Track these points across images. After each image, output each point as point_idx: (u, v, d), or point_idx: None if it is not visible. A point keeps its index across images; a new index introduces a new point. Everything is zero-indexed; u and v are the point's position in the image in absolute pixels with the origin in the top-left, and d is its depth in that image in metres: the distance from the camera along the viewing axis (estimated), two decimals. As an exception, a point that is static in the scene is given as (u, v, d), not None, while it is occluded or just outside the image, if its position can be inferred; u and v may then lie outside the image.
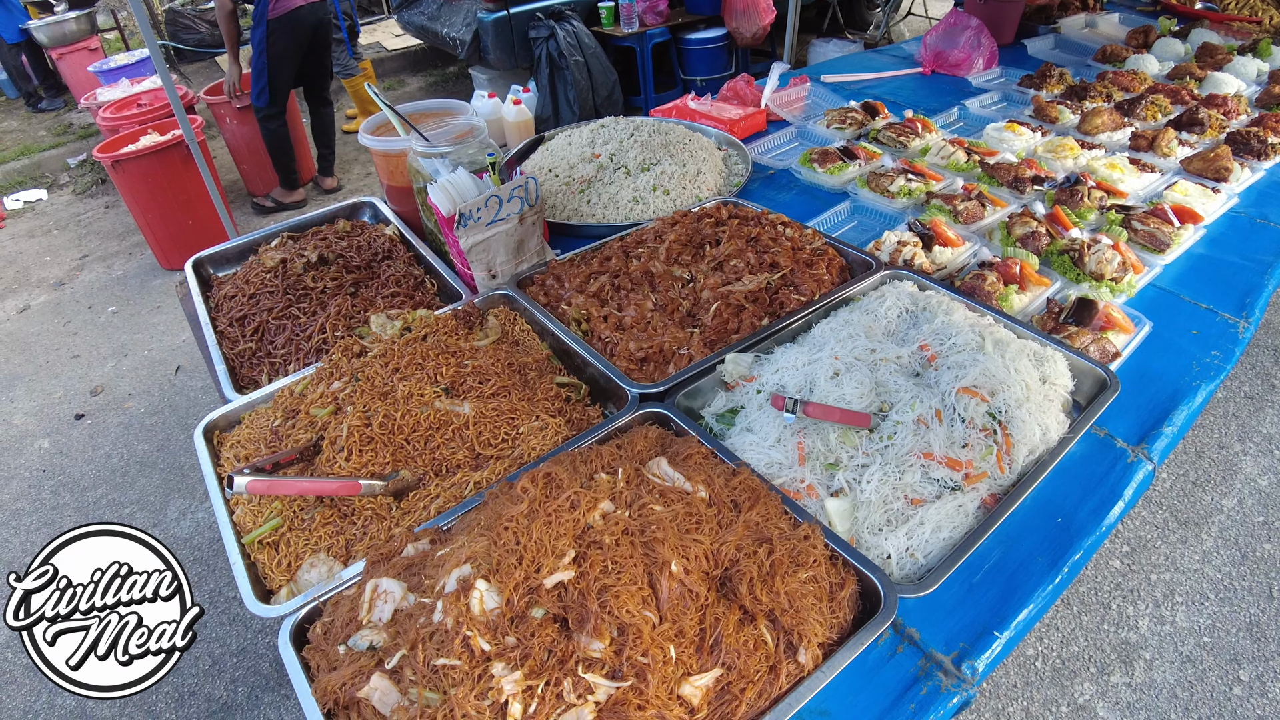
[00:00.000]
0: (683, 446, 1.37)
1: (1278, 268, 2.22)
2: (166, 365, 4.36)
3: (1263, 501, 3.50)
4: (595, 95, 6.07)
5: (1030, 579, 1.34)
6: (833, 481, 1.34)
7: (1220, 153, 2.58)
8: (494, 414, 1.51)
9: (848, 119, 2.75)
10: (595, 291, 1.79)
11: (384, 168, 2.33)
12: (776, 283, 1.76)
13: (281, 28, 5.03)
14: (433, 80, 8.72)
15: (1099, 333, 1.75)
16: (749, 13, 6.44)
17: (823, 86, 3.30)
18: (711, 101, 2.88)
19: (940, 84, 3.54)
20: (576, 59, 5.95)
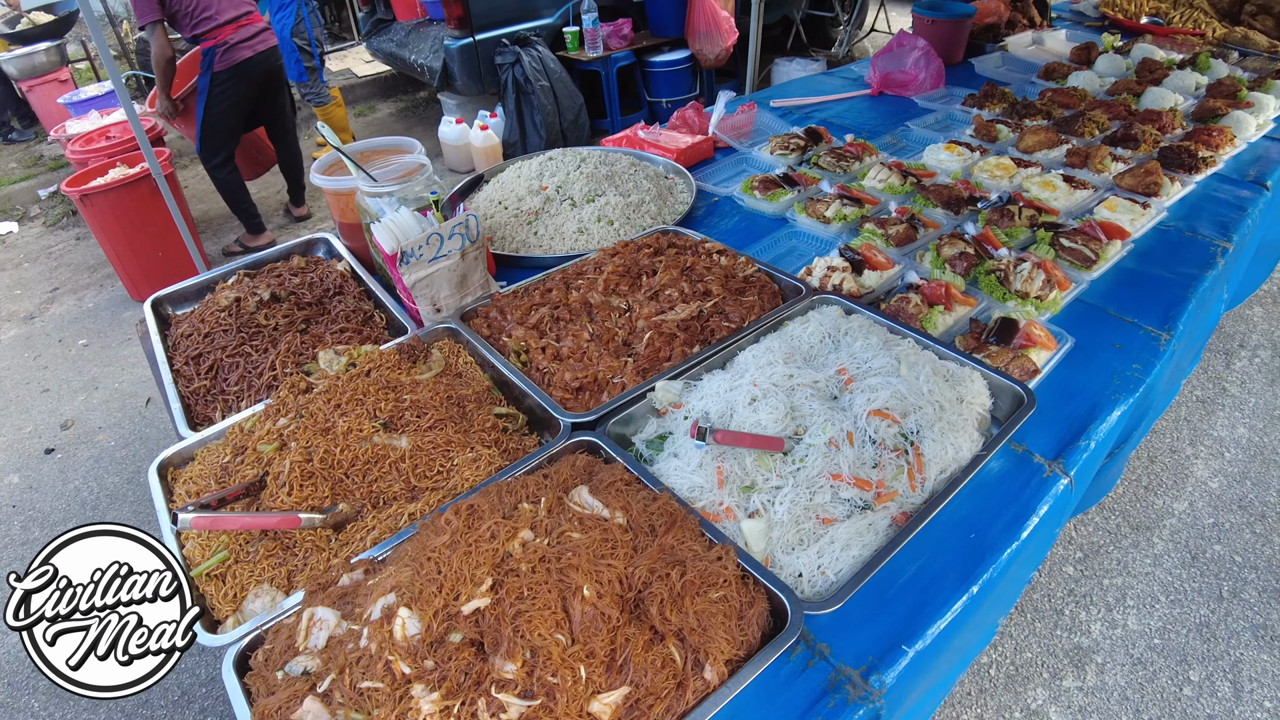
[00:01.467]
0: (607, 474, 1.43)
1: (1202, 280, 2.31)
2: (137, 398, 4.38)
3: (1213, 504, 3.59)
4: (562, 119, 6.16)
5: (941, 594, 1.40)
6: (749, 503, 1.41)
7: (1151, 168, 2.67)
8: (430, 447, 1.57)
9: (791, 145, 2.83)
10: (535, 323, 1.85)
11: (336, 205, 2.39)
12: (708, 310, 1.83)
13: (228, 80, 4.91)
14: (403, 106, 8.80)
15: (1020, 351, 1.82)
16: (712, 35, 6.56)
17: (770, 112, 3.39)
18: (661, 130, 2.96)
19: (887, 105, 3.62)
20: (542, 84, 6.04)
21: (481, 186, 2.63)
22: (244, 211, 5.59)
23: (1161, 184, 2.64)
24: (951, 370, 1.67)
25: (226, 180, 5.38)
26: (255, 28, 4.96)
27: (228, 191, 5.44)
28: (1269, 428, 4.06)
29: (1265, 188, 2.86)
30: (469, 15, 6.27)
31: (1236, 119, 3.25)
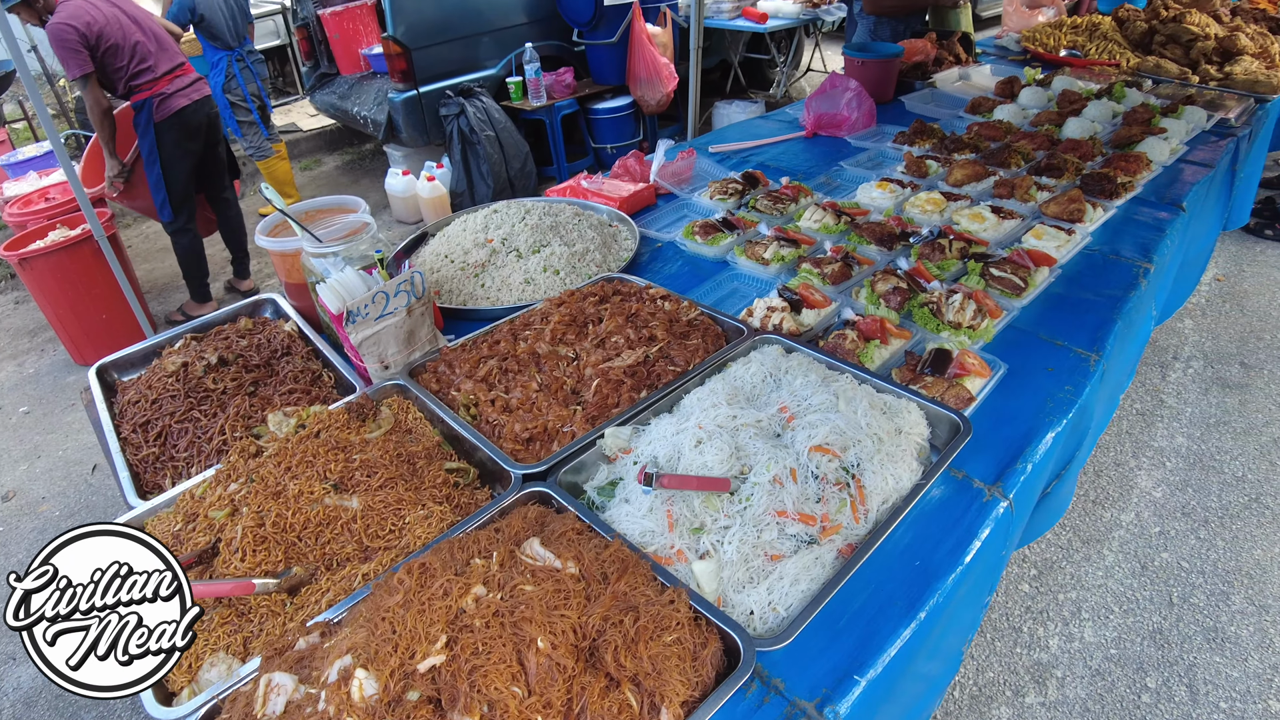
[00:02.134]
0: (558, 524, 1.45)
1: (1127, 301, 2.42)
2: (83, 465, 4.28)
3: (1158, 513, 3.71)
4: (508, 168, 6.24)
5: (889, 622, 1.44)
6: (700, 545, 1.44)
7: (1074, 195, 2.80)
8: (381, 506, 1.58)
9: (729, 189, 2.92)
10: (484, 376, 1.88)
11: (281, 266, 2.40)
12: (654, 355, 1.87)
13: (172, 129, 4.86)
14: (349, 159, 8.82)
15: (954, 380, 1.89)
16: (652, 81, 6.71)
17: (709, 157, 3.48)
18: (604, 179, 3.03)
19: (822, 146, 3.74)
20: (488, 134, 6.12)
21: (428, 241, 2.66)
22: (196, 280, 5.50)
23: (1085, 210, 2.76)
24: (889, 403, 1.73)
25: (190, 245, 5.31)
26: (188, 78, 4.95)
27: (187, 258, 5.35)
28: (1206, 435, 4.22)
29: (1181, 208, 3.00)
30: (412, 68, 6.35)
31: (1151, 144, 3.42)
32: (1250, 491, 3.82)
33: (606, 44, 6.94)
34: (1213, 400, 4.51)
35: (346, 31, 7.86)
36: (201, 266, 5.47)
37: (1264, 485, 3.86)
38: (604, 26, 6.86)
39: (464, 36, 6.73)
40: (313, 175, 8.49)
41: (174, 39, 5.09)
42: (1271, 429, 4.27)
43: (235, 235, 5.84)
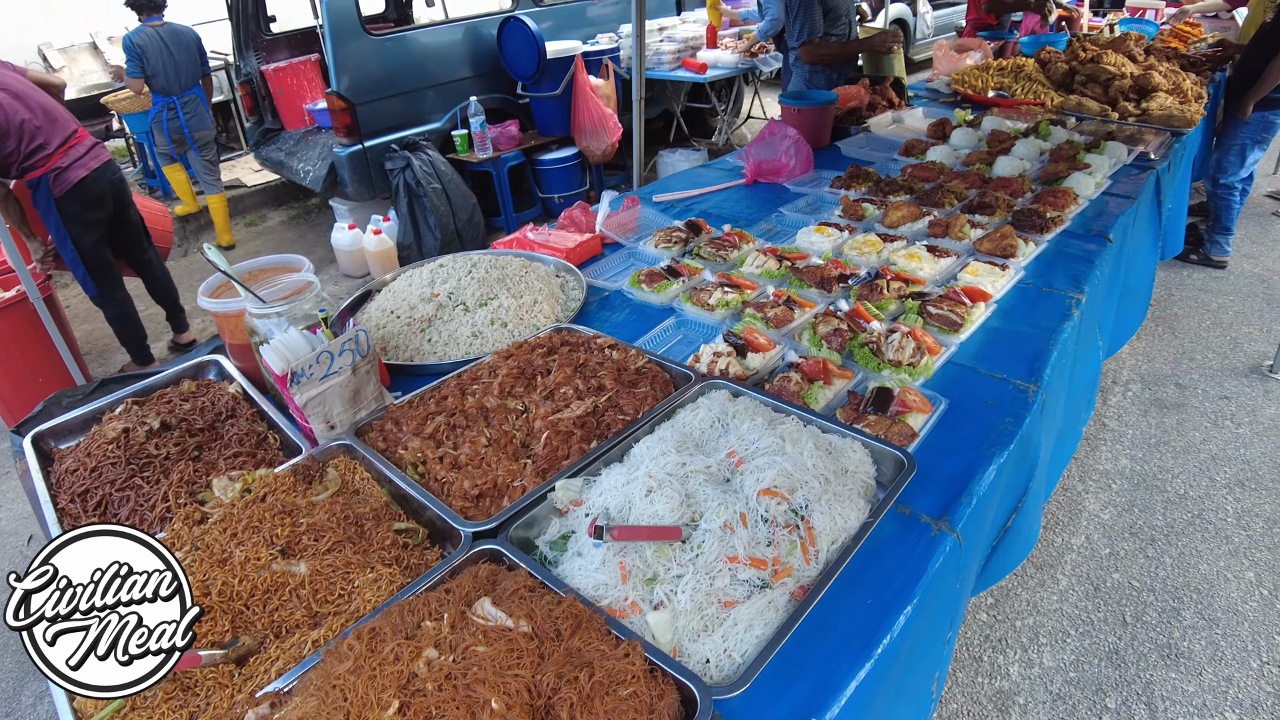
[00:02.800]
0: (510, 582, 1.44)
1: (1061, 331, 2.50)
2: (17, 536, 4.12)
3: (1107, 534, 3.79)
4: (456, 219, 6.27)
5: (844, 662, 1.45)
6: (653, 595, 1.44)
7: (1006, 231, 2.90)
8: (329, 570, 1.55)
9: (673, 237, 2.97)
10: (431, 433, 1.87)
11: (224, 327, 2.38)
12: (603, 405, 1.88)
13: (73, 203, 4.68)
14: (294, 213, 8.77)
15: (897, 417, 1.93)
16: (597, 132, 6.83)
17: (653, 207, 3.55)
18: (550, 230, 3.06)
19: (762, 192, 3.83)
20: (434, 186, 6.15)
21: (373, 297, 2.65)
22: (134, 343, 5.35)
23: (1017, 246, 2.86)
24: (834, 443, 1.76)
25: (119, 312, 5.17)
26: (84, 146, 4.78)
27: (120, 323, 5.22)
28: (1148, 456, 4.35)
29: (1108, 239, 3.13)
30: (357, 123, 6.38)
31: (1077, 179, 3.57)
32: (1193, 508, 3.94)
33: (550, 96, 7.05)
34: (1152, 421, 4.65)
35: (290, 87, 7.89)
36: (137, 330, 5.34)
37: (1205, 501, 3.99)
38: (547, 79, 6.98)
39: (408, 91, 6.80)
40: (257, 231, 8.41)
41: (62, 103, 4.92)
42: (1209, 446, 4.42)
43: (165, 294, 5.70)
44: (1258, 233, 7.40)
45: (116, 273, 5.18)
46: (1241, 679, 3.05)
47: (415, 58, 6.83)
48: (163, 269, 5.68)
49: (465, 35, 7.19)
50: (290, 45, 8.26)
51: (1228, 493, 4.05)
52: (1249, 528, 3.82)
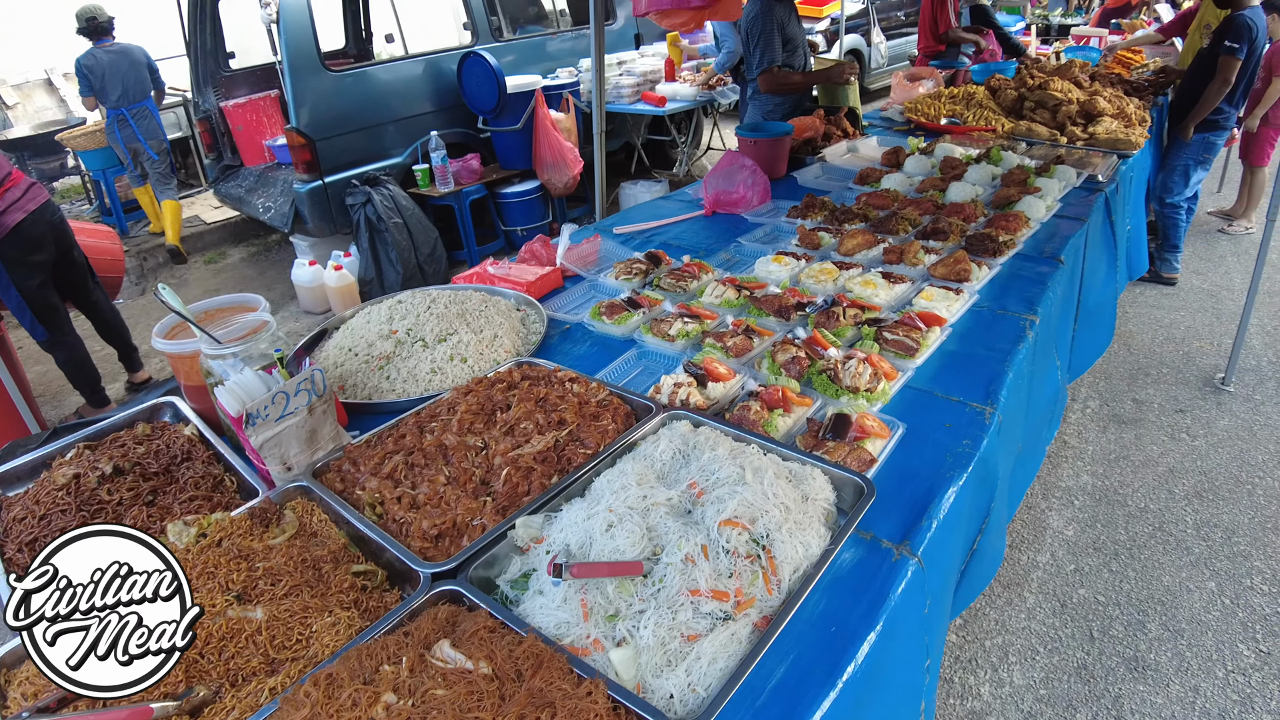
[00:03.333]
0: (470, 623, 1.42)
1: (1016, 353, 2.54)
2: (-33, 591, 3.98)
3: (1071, 550, 3.84)
4: (417, 254, 6.26)
5: (809, 691, 1.44)
6: (615, 632, 1.43)
7: (959, 256, 2.96)
8: (286, 615, 1.52)
9: (634, 269, 2.99)
10: (389, 472, 1.85)
11: (179, 368, 2.34)
12: (564, 440, 1.88)
13: (12, 248, 4.55)
14: (255, 250, 8.69)
15: (856, 443, 1.95)
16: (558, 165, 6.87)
17: (613, 239, 3.57)
18: (511, 264, 3.07)
19: (720, 223, 3.87)
20: (395, 221, 6.14)
21: (331, 335, 2.63)
22: (87, 386, 5.22)
23: (970, 270, 2.92)
24: (794, 470, 1.77)
25: (70, 356, 5.05)
26: (20, 188, 4.63)
27: (72, 367, 5.08)
28: (1108, 471, 4.42)
29: (1060, 261, 3.20)
30: (317, 159, 6.36)
31: (1028, 203, 3.66)
32: (1153, 521, 4.01)
33: (511, 130, 7.09)
34: (1111, 437, 4.74)
35: (250, 123, 7.87)
36: (90, 373, 5.21)
37: (1165, 514, 4.06)
38: (508, 113, 7.02)
39: (369, 126, 6.81)
40: (217, 269, 8.31)
41: None
42: (1166, 459, 4.51)
43: (115, 334, 5.59)
44: (1205, 250, 7.64)
45: (65, 315, 5.06)
46: (1208, 689, 3.10)
47: (375, 93, 6.85)
48: (111, 308, 5.56)
49: (425, 70, 7.23)
50: (249, 81, 8.25)
51: (1186, 504, 4.13)
52: (1208, 538, 3.89)
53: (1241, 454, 4.56)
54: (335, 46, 9.13)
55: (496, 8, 8.11)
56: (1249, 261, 5.34)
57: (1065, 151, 4.87)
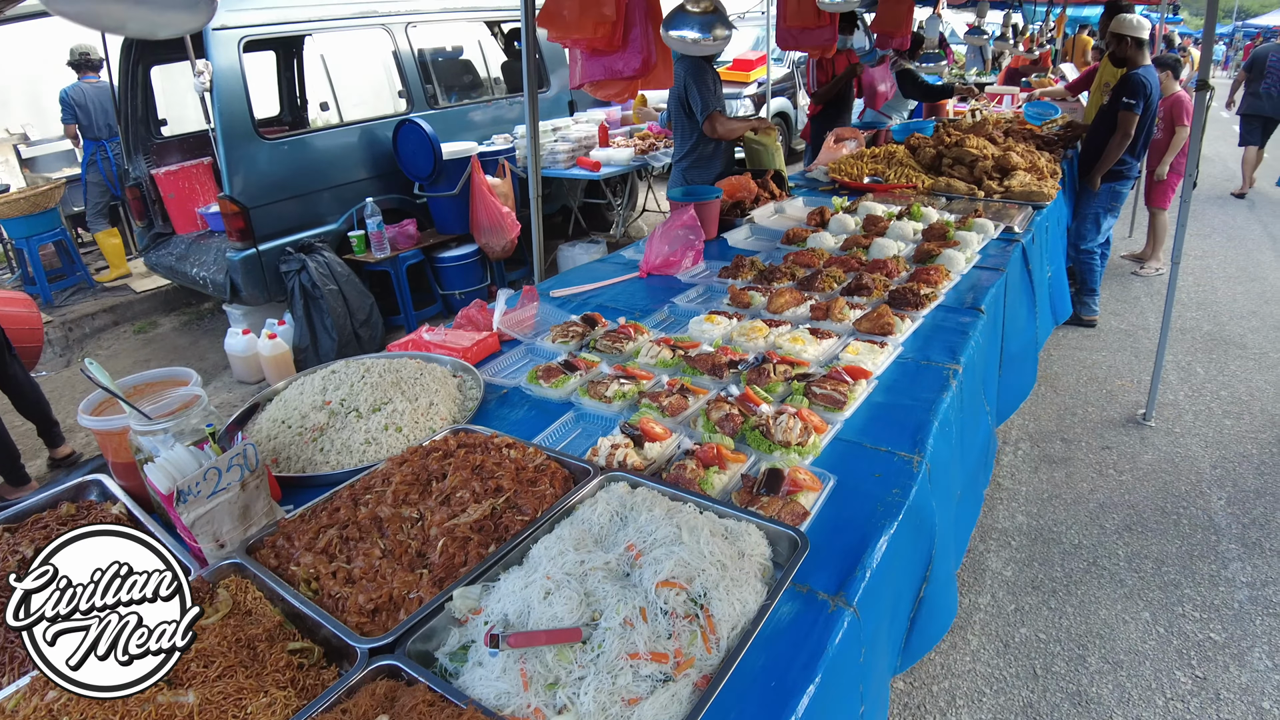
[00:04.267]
0: (409, 697, 1.41)
1: (941, 401, 2.63)
2: None
3: (1011, 591, 3.93)
4: (353, 320, 6.23)
5: (751, 750, 1.46)
6: (556, 700, 1.42)
7: (883, 311, 3.07)
8: (220, 698, 1.48)
9: (570, 332, 3.03)
10: (324, 547, 1.82)
11: (107, 445, 2.28)
12: (501, 507, 1.88)
13: None
14: (186, 319, 8.52)
15: (789, 497, 2.00)
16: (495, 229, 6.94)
17: (550, 302, 3.61)
18: (447, 330, 3.08)
19: (655, 284, 3.94)
20: (331, 288, 6.12)
21: (264, 407, 2.60)
22: (7, 464, 4.98)
23: (894, 324, 3.03)
24: (730, 527, 1.81)
25: None
26: None
27: None
28: (1042, 510, 4.56)
29: (980, 311, 3.34)
30: (251, 226, 6.32)
31: (949, 257, 3.82)
32: (1087, 556, 4.14)
33: (448, 195, 7.15)
34: (1043, 477, 4.90)
35: (181, 190, 7.79)
36: (8, 451, 4.98)
37: (1098, 548, 4.20)
38: (444, 179, 7.09)
39: (304, 194, 6.80)
40: (147, 338, 8.11)
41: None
42: (1096, 495, 4.67)
43: (35, 409, 5.36)
44: (1120, 291, 8.05)
45: None
46: (1149, 718, 3.18)
47: (310, 161, 6.86)
48: (30, 382, 5.33)
49: (361, 138, 7.28)
50: (182, 149, 8.19)
51: (1118, 538, 4.28)
52: (1140, 569, 4.03)
53: (1165, 486, 4.76)
54: (270, 114, 9.13)
55: (432, 77, 8.24)
56: (1161, 301, 5.65)
57: (983, 205, 5.11)
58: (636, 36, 3.47)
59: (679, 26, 2.71)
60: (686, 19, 2.70)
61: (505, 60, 10.03)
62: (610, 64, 3.59)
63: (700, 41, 2.68)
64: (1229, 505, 4.58)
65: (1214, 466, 4.97)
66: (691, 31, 2.70)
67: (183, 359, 7.44)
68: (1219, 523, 4.42)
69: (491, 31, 9.83)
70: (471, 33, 9.70)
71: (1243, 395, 5.91)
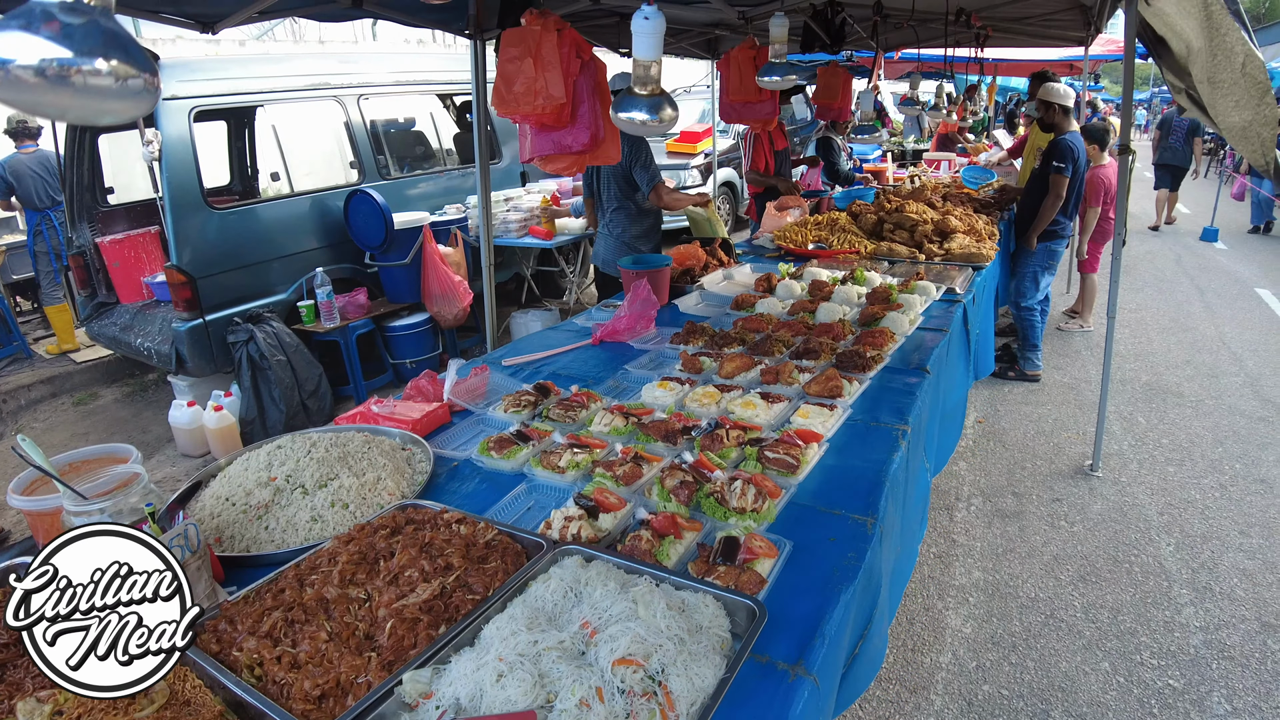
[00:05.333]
0: (354, 792, 1.35)
1: (891, 462, 2.66)
2: None
3: (971, 648, 3.93)
4: (301, 391, 6.13)
5: (712, 829, 1.42)
6: (510, 788, 1.38)
7: (831, 374, 3.12)
8: (152, 803, 1.40)
9: (522, 401, 3.01)
10: (268, 630, 1.75)
11: (39, 526, 2.20)
12: (451, 586, 1.84)
13: None
14: (130, 390, 8.29)
15: (745, 565, 1.98)
16: (447, 297, 6.94)
17: (502, 371, 3.60)
18: (395, 402, 3.03)
19: (608, 352, 3.96)
20: (279, 358, 6.03)
21: (208, 484, 2.52)
22: None
23: (842, 386, 3.07)
24: (686, 599, 1.78)
25: None
26: None
27: None
28: (997, 565, 4.60)
29: (926, 371, 3.41)
30: (198, 297, 6.22)
31: (893, 319, 3.91)
32: (1044, 609, 4.17)
33: (400, 265, 7.15)
34: (996, 531, 4.95)
35: (127, 259, 7.66)
36: None
37: (1055, 601, 4.24)
38: (396, 249, 7.09)
39: (253, 264, 6.73)
40: (88, 410, 7.85)
41: None
42: (1050, 547, 4.73)
43: None
44: (1062, 346, 8.32)
45: None
46: (1114, 771, 3.18)
47: (260, 230, 6.81)
48: None
49: (312, 208, 7.27)
50: (129, 218, 8.08)
51: (1073, 589, 4.33)
52: (1096, 619, 4.07)
53: (1116, 535, 4.85)
54: (220, 183, 9.08)
55: (384, 147, 8.30)
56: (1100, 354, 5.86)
57: (924, 268, 5.27)
58: (585, 113, 3.56)
59: (628, 109, 2.78)
60: (635, 102, 2.78)
61: (458, 132, 10.16)
62: (559, 139, 3.67)
63: (648, 123, 2.75)
64: (1178, 550, 4.68)
65: (1161, 513, 5.09)
66: (640, 113, 2.77)
67: (124, 432, 7.20)
68: (1169, 568, 4.50)
69: (445, 104, 9.97)
70: (424, 105, 9.83)
71: (1183, 442, 6.10)
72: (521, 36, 3.50)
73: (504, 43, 3.59)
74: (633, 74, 2.82)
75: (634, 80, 2.81)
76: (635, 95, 2.78)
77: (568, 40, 3.52)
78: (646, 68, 2.74)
